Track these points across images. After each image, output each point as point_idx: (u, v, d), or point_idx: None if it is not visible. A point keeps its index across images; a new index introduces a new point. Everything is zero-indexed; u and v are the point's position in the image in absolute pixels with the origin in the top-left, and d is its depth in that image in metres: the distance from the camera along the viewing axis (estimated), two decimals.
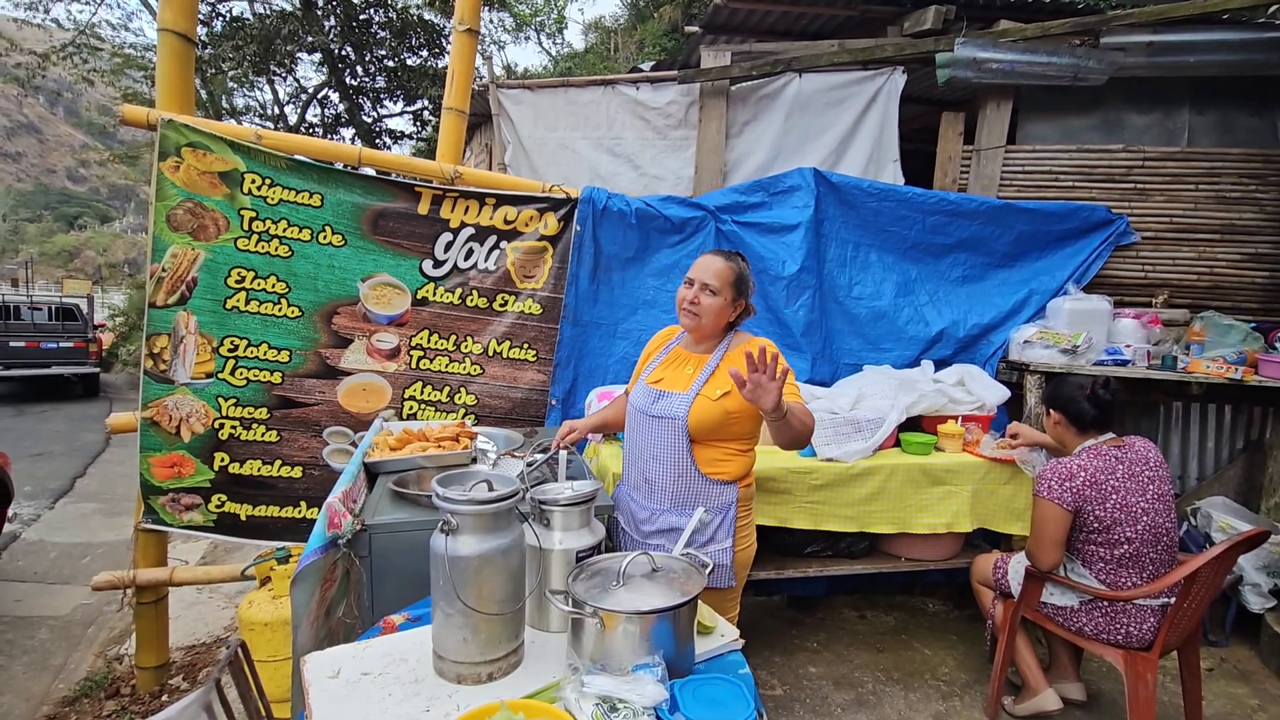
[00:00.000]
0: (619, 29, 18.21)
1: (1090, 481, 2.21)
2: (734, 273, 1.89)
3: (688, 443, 1.86)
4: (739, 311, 1.94)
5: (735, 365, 1.83)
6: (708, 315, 1.88)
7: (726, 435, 1.88)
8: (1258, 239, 3.60)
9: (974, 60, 3.35)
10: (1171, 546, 2.25)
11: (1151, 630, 2.19)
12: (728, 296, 1.88)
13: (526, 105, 3.64)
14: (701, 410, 1.83)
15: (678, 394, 1.89)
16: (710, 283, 1.87)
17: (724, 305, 1.88)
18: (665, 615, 1.27)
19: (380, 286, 2.93)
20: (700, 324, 1.90)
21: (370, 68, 13.12)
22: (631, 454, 2.03)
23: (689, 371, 1.93)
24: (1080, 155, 3.63)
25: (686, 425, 1.84)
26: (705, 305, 1.87)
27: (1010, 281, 3.51)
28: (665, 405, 1.89)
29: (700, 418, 1.83)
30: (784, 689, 2.78)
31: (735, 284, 1.90)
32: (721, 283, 1.87)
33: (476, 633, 1.28)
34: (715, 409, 1.83)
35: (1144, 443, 2.34)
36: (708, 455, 1.89)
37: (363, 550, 1.73)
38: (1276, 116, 3.65)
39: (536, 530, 1.48)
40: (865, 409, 2.86)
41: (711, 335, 1.95)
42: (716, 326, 1.92)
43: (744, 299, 1.92)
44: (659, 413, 1.89)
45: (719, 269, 1.88)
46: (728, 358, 1.90)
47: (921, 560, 2.93)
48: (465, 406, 3.07)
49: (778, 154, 3.70)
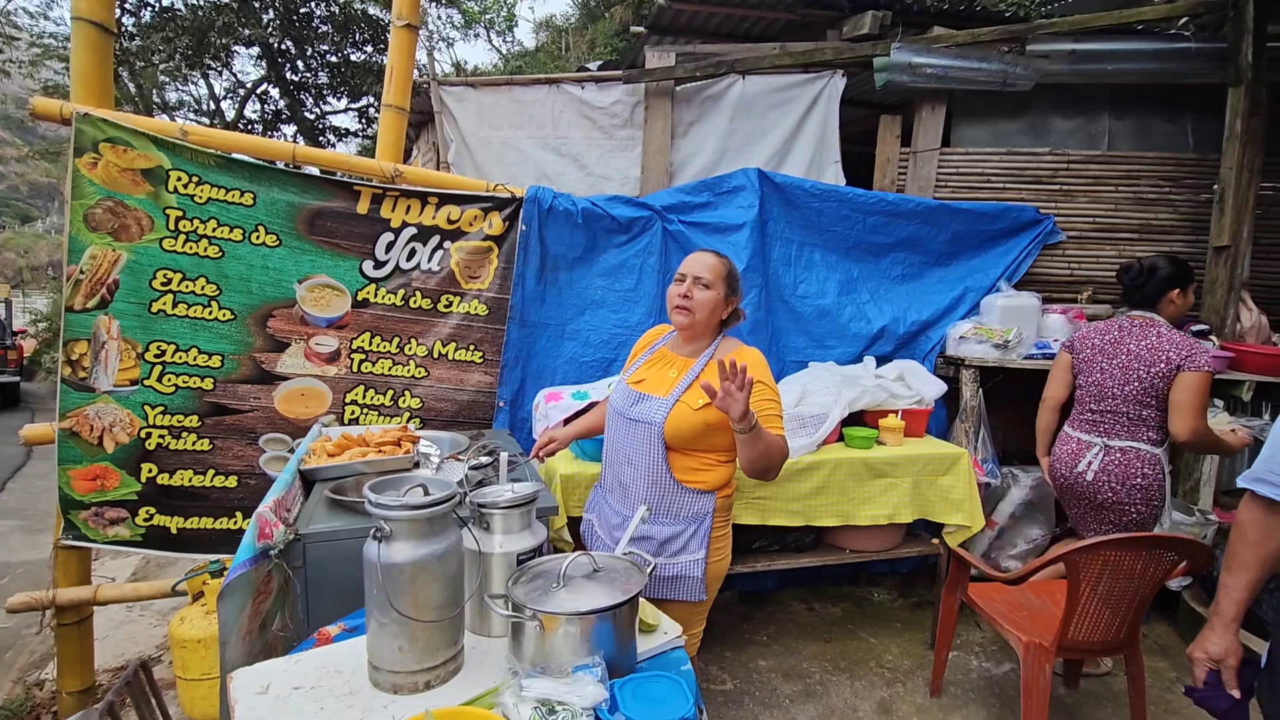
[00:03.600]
0: (570, 28, 18.13)
1: None
2: (726, 268, 1.86)
3: (664, 450, 1.79)
4: (730, 310, 1.89)
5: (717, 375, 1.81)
6: (701, 310, 1.82)
7: (705, 446, 1.82)
8: (1172, 238, 3.82)
9: (909, 65, 3.45)
10: None
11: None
12: (721, 291, 1.83)
13: (470, 103, 3.59)
14: (680, 419, 1.76)
15: (658, 398, 1.81)
16: (703, 276, 1.82)
17: (718, 300, 1.83)
18: (605, 615, 1.27)
19: (318, 288, 2.84)
20: (694, 320, 1.83)
21: (312, 63, 12.72)
22: (609, 456, 1.98)
23: (672, 375, 1.86)
24: (1010, 158, 3.79)
25: (663, 433, 1.77)
26: (699, 299, 1.81)
27: (947, 279, 3.63)
28: (643, 409, 1.82)
29: (678, 426, 1.76)
30: (734, 683, 2.82)
31: (728, 279, 1.86)
32: (714, 276, 1.82)
33: (413, 641, 1.25)
34: (695, 419, 1.76)
35: None
36: (685, 464, 1.82)
37: (296, 560, 1.68)
38: (1188, 123, 3.87)
39: (476, 534, 1.46)
40: (810, 405, 2.91)
41: (703, 334, 1.87)
42: (709, 324, 1.85)
43: (736, 296, 1.89)
44: (636, 416, 1.82)
45: (711, 263, 1.84)
46: (712, 366, 1.81)
47: (865, 551, 3.01)
48: (410, 410, 3.01)
49: (723, 155, 3.74)
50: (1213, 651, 1.45)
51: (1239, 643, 1.45)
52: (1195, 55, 3.57)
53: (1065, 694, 2.78)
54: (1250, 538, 1.45)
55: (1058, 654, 2.23)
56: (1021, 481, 3.37)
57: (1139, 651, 2.32)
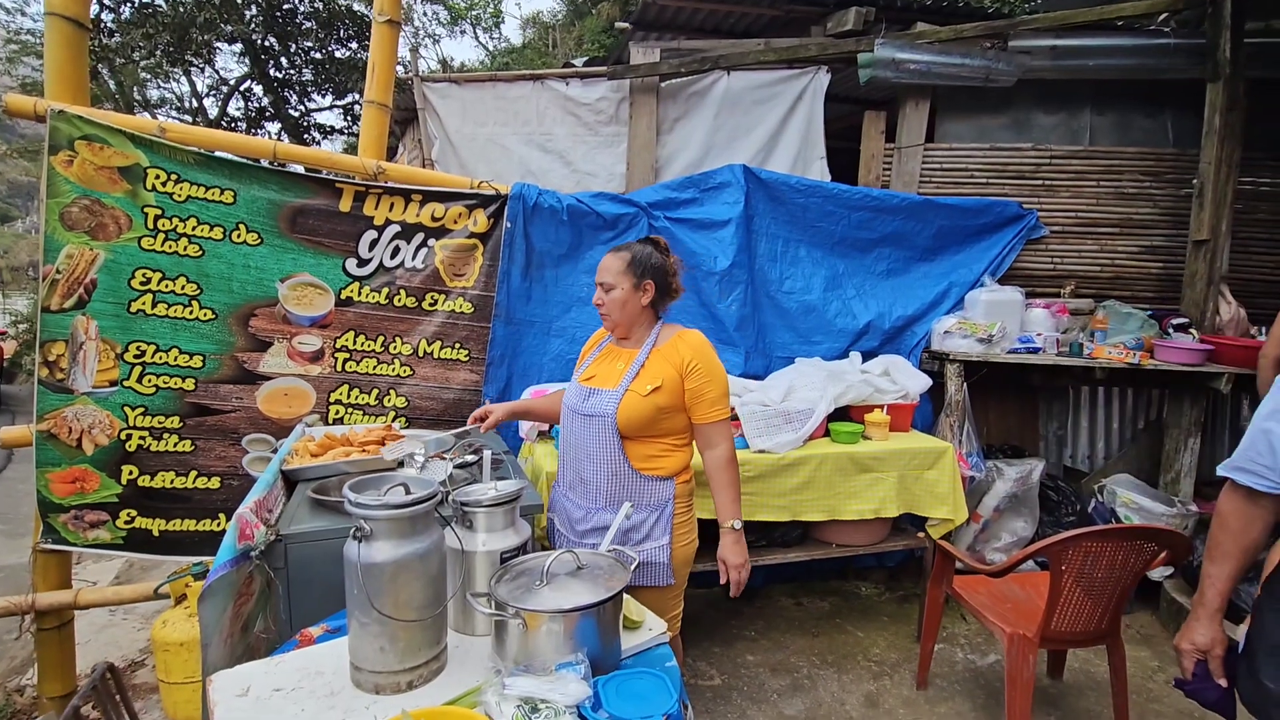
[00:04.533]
0: (557, 25, 18.06)
1: None
2: (625, 261, 1.89)
3: (619, 440, 1.85)
4: (649, 294, 1.91)
5: (664, 359, 1.86)
6: (615, 310, 1.91)
7: (659, 431, 1.89)
8: (1153, 232, 3.86)
9: (893, 61, 3.46)
10: None
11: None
12: (626, 285, 1.89)
13: (454, 100, 3.56)
14: (631, 406, 1.83)
15: (608, 391, 1.88)
16: (604, 280, 1.91)
17: (626, 294, 1.89)
18: (589, 613, 1.27)
19: (301, 287, 2.82)
20: (614, 320, 1.93)
21: (296, 59, 12.59)
22: (566, 453, 2.02)
23: (619, 367, 1.92)
24: (993, 153, 3.81)
25: (616, 422, 1.84)
26: (609, 302, 1.90)
27: (931, 274, 3.65)
28: (595, 403, 1.88)
29: (630, 414, 1.83)
30: (722, 678, 2.83)
31: (630, 269, 1.89)
32: (614, 275, 1.89)
33: (395, 641, 1.25)
34: (645, 405, 1.82)
35: None
36: (641, 451, 1.89)
37: (278, 562, 1.66)
38: (1167, 118, 3.91)
39: (459, 532, 1.45)
40: (796, 401, 2.92)
41: (632, 328, 1.94)
42: (631, 318, 1.92)
43: (649, 279, 1.90)
44: (590, 410, 1.88)
45: (609, 264, 1.91)
46: (656, 352, 1.90)
47: (852, 545, 3.02)
48: (395, 409, 2.99)
49: (708, 151, 3.74)
50: (1199, 642, 1.47)
51: (1224, 632, 1.46)
52: (1174, 51, 3.60)
53: (1049, 684, 2.81)
54: (1232, 527, 1.46)
55: (1041, 645, 2.25)
56: (1006, 475, 3.39)
57: (1121, 642, 2.35)
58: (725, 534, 1.90)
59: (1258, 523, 1.43)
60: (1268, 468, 1.36)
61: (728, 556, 1.90)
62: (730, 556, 1.90)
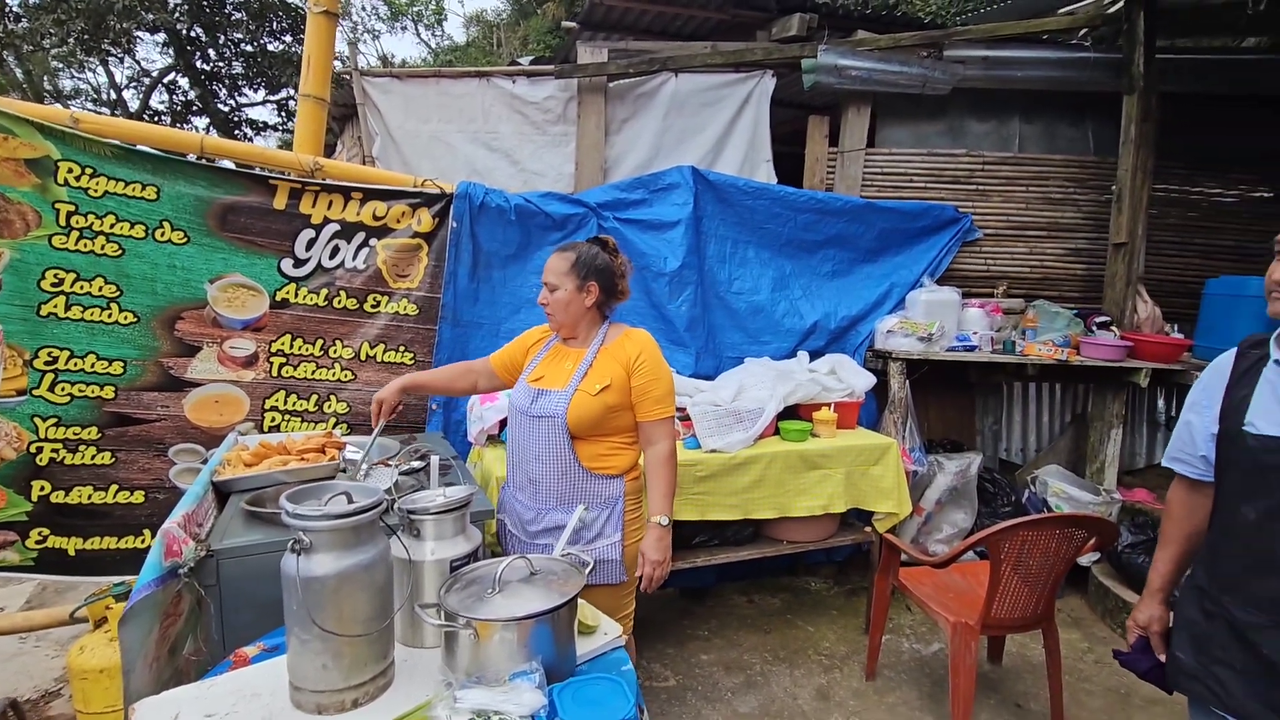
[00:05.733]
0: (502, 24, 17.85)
1: None
2: (569, 262, 1.88)
3: (569, 439, 1.84)
4: (594, 295, 1.90)
5: (612, 358, 1.85)
6: (559, 310, 1.90)
7: (608, 430, 1.88)
8: (1077, 235, 4.07)
9: (835, 67, 3.55)
10: None
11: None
12: (570, 285, 1.87)
13: (395, 95, 3.46)
14: (580, 406, 1.82)
15: (557, 391, 1.86)
16: (549, 280, 1.90)
17: (570, 295, 1.88)
18: (543, 619, 1.24)
19: (232, 288, 2.68)
20: (559, 321, 1.92)
21: (225, 51, 12.05)
22: (515, 455, 1.99)
23: (568, 367, 1.91)
24: (930, 158, 3.95)
25: (566, 423, 1.82)
26: (553, 302, 1.90)
27: (874, 275, 3.75)
28: (544, 404, 1.86)
29: (580, 414, 1.82)
30: (677, 679, 2.82)
31: (574, 269, 1.87)
32: (558, 275, 1.88)
33: (338, 657, 1.19)
34: (595, 404, 1.82)
35: None
36: (591, 451, 1.87)
37: (209, 579, 1.57)
38: (1089, 127, 4.13)
39: (405, 542, 1.40)
40: (746, 400, 2.95)
41: (578, 328, 1.93)
42: (575, 318, 1.91)
43: (593, 280, 1.89)
44: (539, 412, 1.86)
45: (553, 264, 1.91)
46: (604, 351, 1.89)
47: (802, 542, 3.07)
48: (336, 415, 2.88)
49: (657, 152, 3.75)
50: (1139, 619, 1.57)
51: (1165, 611, 1.55)
52: (1094, 65, 3.81)
53: (990, 669, 2.92)
54: (1175, 514, 1.56)
55: (982, 632, 2.33)
56: (947, 469, 3.51)
57: (1055, 626, 2.46)
58: (651, 529, 1.88)
59: (1199, 511, 1.52)
60: (1192, 455, 1.45)
61: (648, 551, 1.87)
62: (650, 551, 1.86)
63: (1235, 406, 1.32)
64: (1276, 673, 1.23)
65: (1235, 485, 1.32)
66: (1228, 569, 1.33)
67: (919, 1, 8.59)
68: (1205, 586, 1.38)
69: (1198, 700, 1.38)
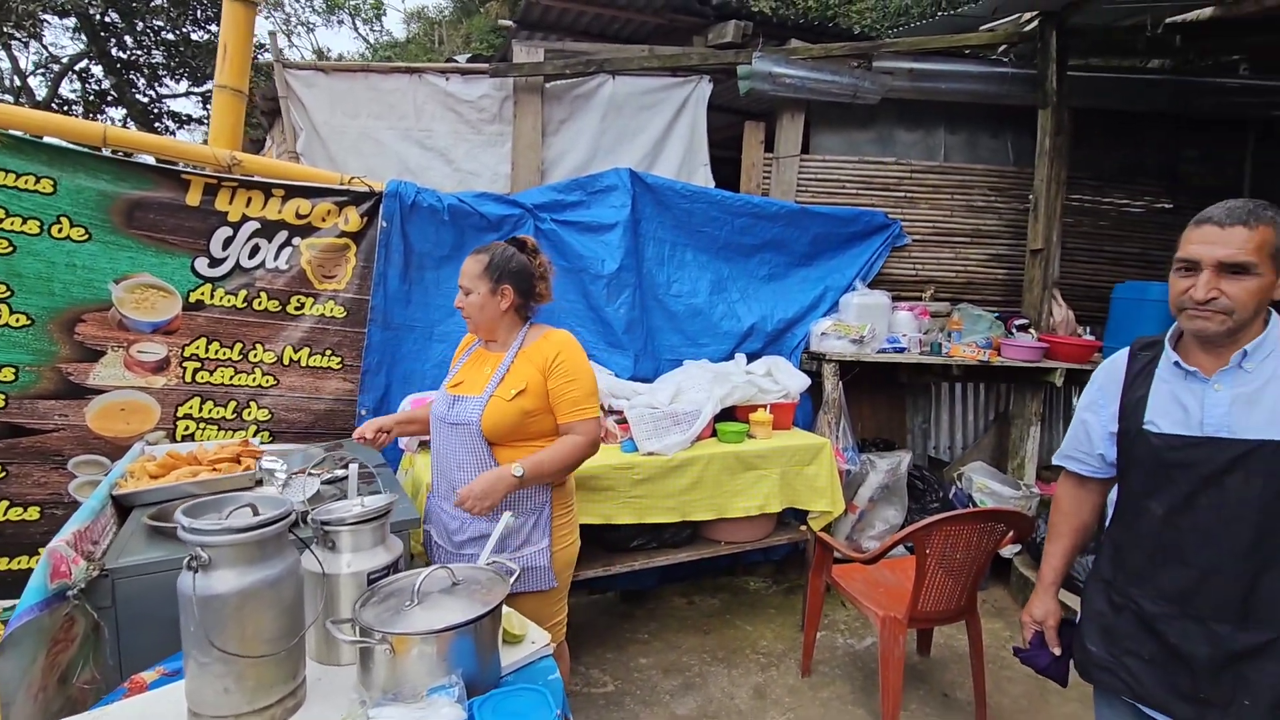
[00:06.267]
0: (444, 21, 17.52)
1: None
2: (482, 264, 1.87)
3: (487, 447, 1.81)
4: (508, 298, 1.87)
5: (529, 361, 1.83)
6: (475, 313, 1.88)
7: (529, 434, 1.85)
8: (998, 242, 4.26)
9: (770, 74, 3.61)
10: None
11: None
12: (483, 288, 1.86)
13: (321, 89, 3.33)
14: (495, 412, 1.79)
15: (473, 398, 1.84)
16: (463, 283, 1.88)
17: (484, 298, 1.86)
18: (464, 631, 1.20)
19: (140, 289, 2.52)
20: (475, 324, 1.91)
21: (144, 39, 11.40)
22: (437, 463, 1.95)
23: (486, 372, 1.88)
24: (862, 166, 4.06)
25: (481, 430, 1.79)
26: (468, 305, 1.88)
27: (809, 279, 3.83)
28: (460, 410, 1.84)
29: (494, 420, 1.79)
30: (616, 684, 2.80)
31: (487, 272, 1.86)
32: (471, 278, 1.87)
33: (241, 680, 1.12)
34: (510, 409, 1.79)
35: None
36: (512, 456, 1.83)
37: (104, 600, 1.46)
38: (1008, 139, 4.34)
39: (320, 555, 1.33)
40: (684, 402, 2.96)
41: (495, 331, 1.92)
42: (491, 322, 1.89)
43: (506, 283, 1.86)
44: (455, 419, 1.84)
45: (467, 268, 1.89)
46: (521, 354, 1.87)
47: (739, 542, 3.10)
48: (257, 423, 2.74)
49: (595, 154, 3.73)
50: (1035, 614, 1.61)
51: (1058, 605, 1.61)
52: (1012, 79, 4.00)
53: (919, 661, 3.01)
54: (1065, 509, 1.63)
55: (910, 625, 2.40)
56: (878, 467, 3.61)
57: (978, 617, 2.55)
58: (504, 470, 1.75)
59: (1087, 505, 1.60)
60: (1086, 454, 1.52)
61: (478, 482, 1.74)
62: (480, 483, 1.73)
63: (1133, 407, 1.39)
64: (1182, 660, 1.29)
65: (1139, 482, 1.38)
66: (1135, 562, 1.39)
67: (855, 15, 8.86)
68: (1112, 579, 1.44)
69: (1108, 690, 1.44)
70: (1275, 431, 1.19)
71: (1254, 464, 1.20)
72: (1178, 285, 1.29)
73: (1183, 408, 1.30)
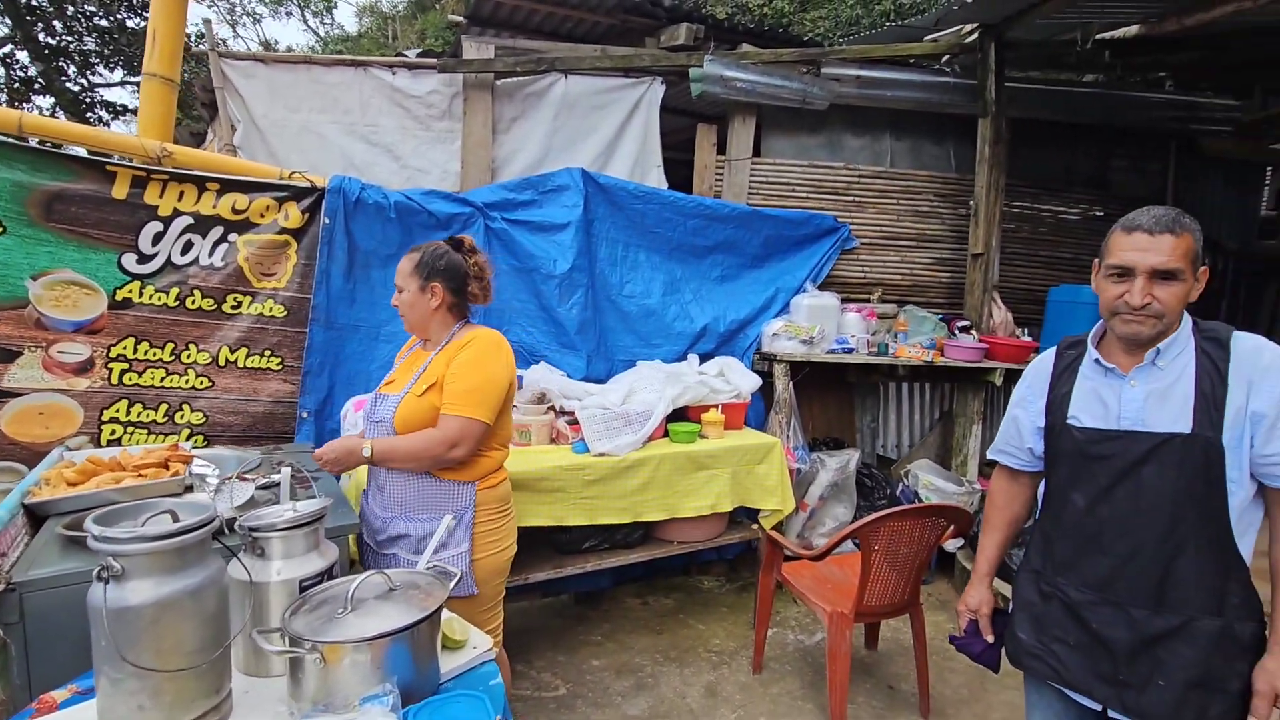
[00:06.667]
0: (398, 16, 17.19)
1: None
2: (413, 262, 1.87)
3: None
4: (438, 296, 1.86)
5: (445, 357, 1.83)
6: (406, 311, 1.89)
7: None
8: (942, 246, 4.39)
9: (721, 78, 3.64)
10: None
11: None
12: (413, 286, 1.86)
13: (260, 81, 3.21)
14: (407, 409, 1.79)
15: (392, 395, 1.86)
16: (397, 281, 1.89)
17: (414, 296, 1.87)
18: (399, 638, 1.17)
19: (61, 285, 2.39)
20: (408, 322, 1.92)
21: (75, 25, 10.85)
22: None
23: (414, 370, 1.89)
24: (811, 170, 4.14)
25: (393, 426, 1.80)
26: (401, 303, 1.89)
27: (761, 280, 3.88)
28: (380, 409, 1.85)
29: (405, 416, 1.79)
30: (567, 687, 2.78)
31: (417, 270, 1.86)
32: (403, 276, 1.88)
33: (158, 696, 1.07)
34: (421, 405, 1.79)
35: None
36: None
37: (11, 616, 1.37)
38: (951, 146, 4.48)
39: (247, 562, 1.28)
40: (636, 403, 2.96)
41: (428, 330, 1.92)
42: (422, 320, 1.89)
43: (436, 281, 1.85)
44: (376, 417, 1.86)
45: (401, 265, 1.90)
46: (443, 352, 1.87)
47: (691, 542, 3.12)
48: (190, 426, 2.63)
49: (547, 153, 3.70)
50: (970, 603, 1.66)
51: (991, 594, 1.66)
52: (954, 89, 4.13)
53: (867, 655, 3.07)
54: (997, 503, 1.68)
55: (856, 620, 2.44)
56: (828, 465, 3.67)
57: (921, 610, 2.62)
58: (357, 444, 1.77)
59: (1018, 498, 1.65)
60: (1017, 448, 1.58)
61: (330, 449, 1.77)
62: (328, 450, 1.77)
63: (1059, 402, 1.44)
64: (1103, 644, 1.35)
65: (1064, 475, 1.44)
66: (1061, 552, 1.44)
67: (809, 23, 9.03)
68: (1040, 569, 1.49)
69: (1037, 676, 1.50)
70: (1183, 425, 1.26)
71: (1165, 456, 1.26)
72: (1111, 291, 1.32)
73: (1102, 403, 1.36)
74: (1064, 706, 1.46)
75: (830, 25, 8.77)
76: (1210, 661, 1.25)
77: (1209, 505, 1.25)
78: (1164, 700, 1.27)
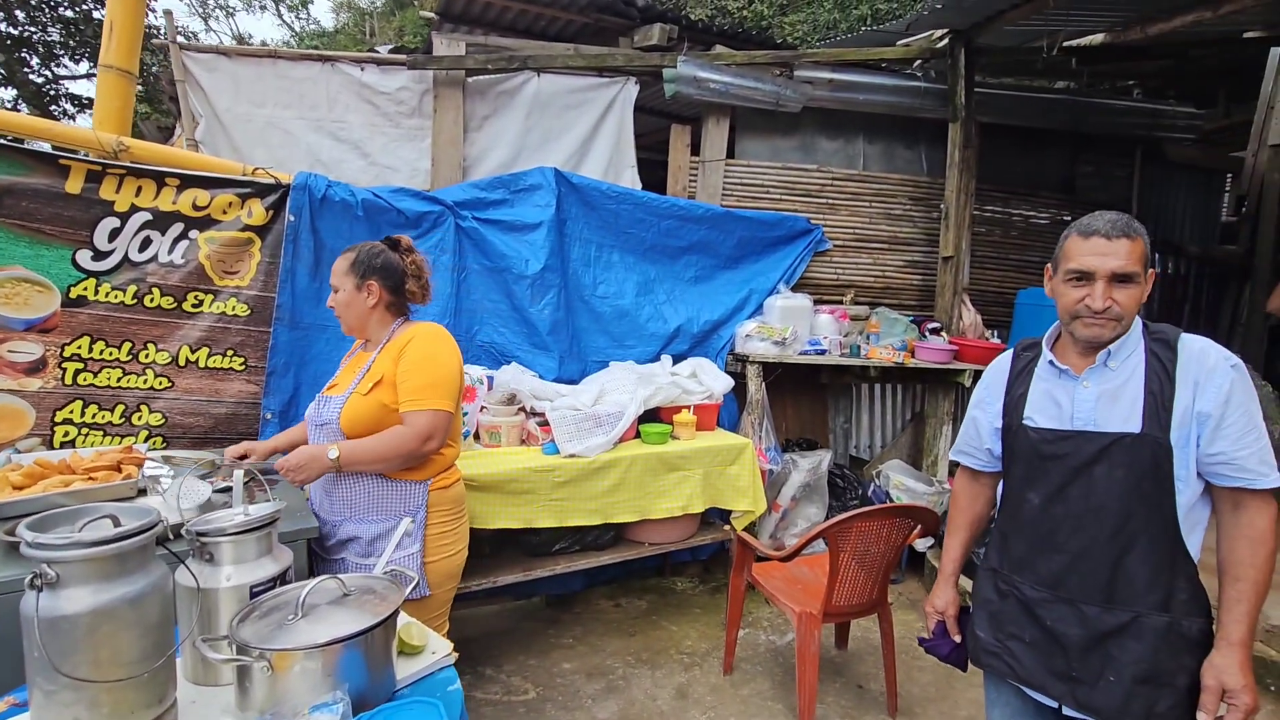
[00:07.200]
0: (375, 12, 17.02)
1: None
2: (348, 261, 1.86)
3: None
4: (374, 295, 1.85)
5: (388, 354, 1.82)
6: (343, 311, 1.87)
7: (389, 428, 1.81)
8: (914, 248, 4.44)
9: (695, 78, 3.65)
10: None
11: None
12: (349, 285, 1.85)
13: (223, 75, 3.14)
14: (354, 409, 1.77)
15: (336, 397, 1.83)
16: (332, 281, 1.87)
17: (350, 295, 1.85)
18: (351, 644, 1.14)
19: (11, 283, 2.31)
20: (346, 322, 1.90)
21: (39, 15, 10.56)
22: None
23: (357, 371, 1.87)
24: (785, 172, 4.16)
25: (340, 428, 1.77)
26: (337, 303, 1.87)
27: (734, 281, 3.89)
28: (324, 411, 1.82)
29: (353, 417, 1.77)
30: (537, 690, 2.75)
31: (352, 269, 1.85)
32: (338, 276, 1.86)
33: (95, 707, 1.03)
34: (368, 404, 1.76)
35: None
36: None
37: None
38: (922, 150, 4.53)
39: (195, 568, 1.24)
40: (607, 404, 2.95)
41: (366, 329, 1.90)
42: (359, 320, 1.88)
43: (372, 279, 1.84)
44: (320, 420, 1.83)
45: (336, 265, 1.88)
46: (385, 349, 1.84)
47: (663, 543, 3.11)
48: (149, 428, 2.56)
49: (519, 152, 3.67)
50: (936, 604, 1.67)
51: (957, 595, 1.68)
52: (925, 93, 4.18)
53: (836, 655, 3.09)
54: (960, 503, 1.70)
55: (825, 620, 2.45)
56: (800, 466, 3.69)
57: (889, 609, 2.64)
58: (323, 451, 1.74)
59: (980, 498, 1.67)
60: (977, 449, 1.59)
61: (294, 457, 1.73)
62: (294, 456, 1.73)
63: (1015, 403, 1.46)
64: (1056, 641, 1.37)
65: (1020, 475, 1.45)
66: (1017, 550, 1.46)
67: (787, 27, 9.09)
68: (998, 568, 1.51)
69: (995, 674, 1.51)
70: (1133, 425, 1.28)
71: (1115, 455, 1.28)
72: (1071, 295, 1.33)
73: (1056, 404, 1.37)
74: (1022, 703, 1.48)
75: (808, 29, 8.83)
76: (1158, 657, 1.27)
77: (1157, 503, 1.27)
78: (1114, 695, 1.29)
